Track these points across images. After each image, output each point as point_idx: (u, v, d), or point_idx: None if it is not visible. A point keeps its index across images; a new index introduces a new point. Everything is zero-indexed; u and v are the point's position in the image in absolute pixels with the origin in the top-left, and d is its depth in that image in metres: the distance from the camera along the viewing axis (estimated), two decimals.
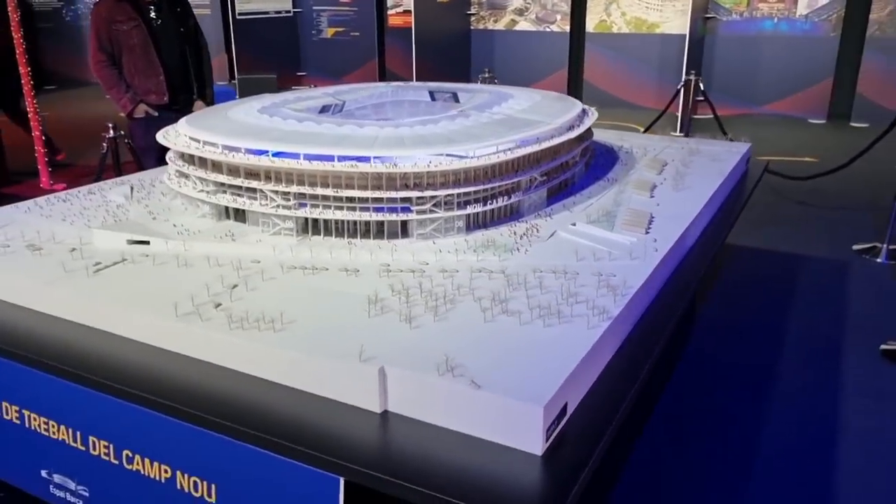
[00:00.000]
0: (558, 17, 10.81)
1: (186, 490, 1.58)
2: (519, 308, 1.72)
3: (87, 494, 1.76)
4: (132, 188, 2.74)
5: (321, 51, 12.97)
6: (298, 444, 1.39)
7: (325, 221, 2.20)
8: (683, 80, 6.43)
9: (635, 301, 1.82)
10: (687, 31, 9.15)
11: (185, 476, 1.57)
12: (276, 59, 12.19)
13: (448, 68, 11.10)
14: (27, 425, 1.81)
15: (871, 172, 6.60)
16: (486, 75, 7.03)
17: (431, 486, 1.28)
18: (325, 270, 2.01)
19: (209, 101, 4.81)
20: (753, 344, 3.89)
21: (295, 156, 2.14)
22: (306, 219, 2.21)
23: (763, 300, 4.44)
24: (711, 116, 7.03)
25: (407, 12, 11.97)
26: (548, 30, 10.96)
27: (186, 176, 2.45)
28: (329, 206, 2.18)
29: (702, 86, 6.31)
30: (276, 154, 2.16)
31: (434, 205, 2.16)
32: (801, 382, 3.51)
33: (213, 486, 1.54)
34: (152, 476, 1.62)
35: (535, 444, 1.35)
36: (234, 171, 2.29)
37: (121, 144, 4.10)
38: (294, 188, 2.17)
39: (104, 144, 4.02)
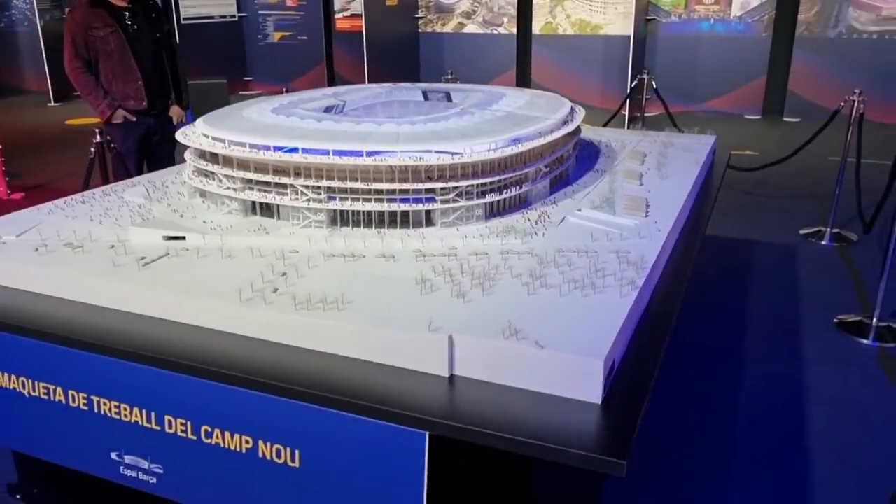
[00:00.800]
0: (505, 19, 11.10)
1: (269, 457, 1.71)
2: (554, 282, 1.91)
3: (160, 472, 1.87)
4: (147, 189, 2.83)
5: (268, 55, 12.96)
6: (383, 405, 1.56)
7: (354, 213, 2.35)
8: (637, 78, 6.75)
9: (652, 273, 2.04)
10: (632, 33, 9.55)
11: (268, 444, 1.70)
12: (223, 64, 12.13)
13: (398, 71, 11.26)
14: (96, 410, 1.91)
15: (808, 164, 7.05)
16: (449, 76, 7.22)
17: (510, 432, 1.46)
18: (363, 257, 2.16)
19: (185, 106, 4.87)
20: (718, 323, 4.20)
21: (324, 152, 2.28)
22: (335, 211, 2.35)
23: (722, 283, 4.77)
24: (660, 114, 7.39)
25: (355, 16, 12.08)
26: (495, 32, 11.23)
27: (208, 175, 2.56)
28: (357, 199, 2.33)
29: (654, 84, 6.64)
30: (306, 151, 2.29)
31: (457, 195, 2.33)
32: (767, 354, 3.82)
33: (296, 452, 1.68)
34: (232, 448, 1.75)
35: (595, 393, 1.54)
36: (261, 168, 2.41)
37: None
38: (324, 182, 2.31)
39: (91, 150, 4.04)
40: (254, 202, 2.48)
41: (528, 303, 1.81)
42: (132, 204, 2.66)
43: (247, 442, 1.73)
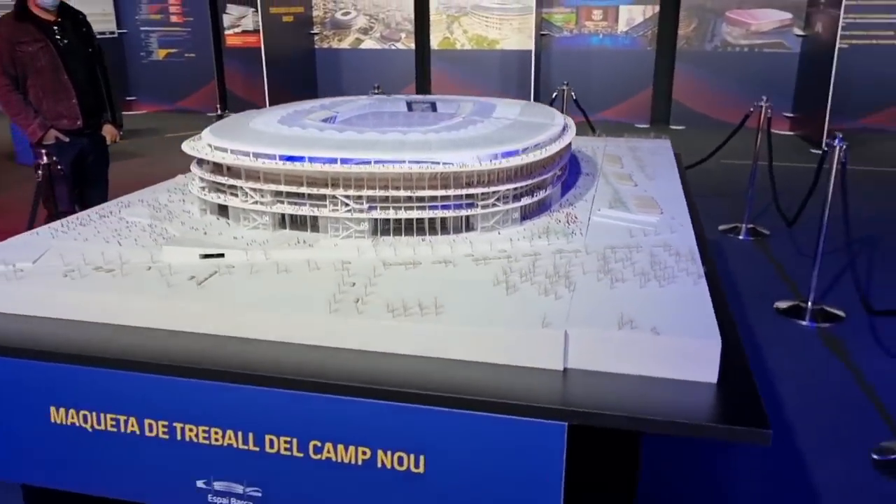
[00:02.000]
0: (403, 35, 11.22)
1: (389, 466, 1.69)
2: (626, 276, 2.01)
3: (258, 495, 1.79)
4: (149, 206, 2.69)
5: (153, 74, 12.41)
6: (512, 400, 1.59)
7: (395, 221, 2.35)
8: (558, 90, 7.06)
9: None
10: (533, 47, 9.93)
11: (388, 453, 1.68)
12: None
13: (296, 88, 11.11)
14: (179, 438, 1.81)
15: (706, 167, 7.60)
16: (377, 91, 7.22)
17: (650, 414, 1.54)
18: (419, 264, 2.17)
19: (119, 124, 4.63)
20: None
21: (365, 161, 2.27)
22: (376, 220, 2.34)
23: None
24: (581, 122, 7.74)
25: (246, 32, 11.83)
26: (393, 47, 11.33)
27: (223, 191, 2.48)
28: (399, 207, 2.33)
29: (574, 94, 6.96)
30: (346, 161, 2.28)
31: (496, 199, 2.39)
32: None
33: (421, 458, 1.67)
34: (347, 461, 1.71)
35: (711, 373, 1.64)
36: (292, 180, 2.36)
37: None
38: (365, 192, 2.30)
39: (39, 173, 3.75)
40: (283, 215, 2.43)
41: (612, 295, 1.90)
42: (139, 224, 2.52)
43: (364, 453, 1.70)
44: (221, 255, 2.23)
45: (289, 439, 1.74)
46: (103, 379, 1.82)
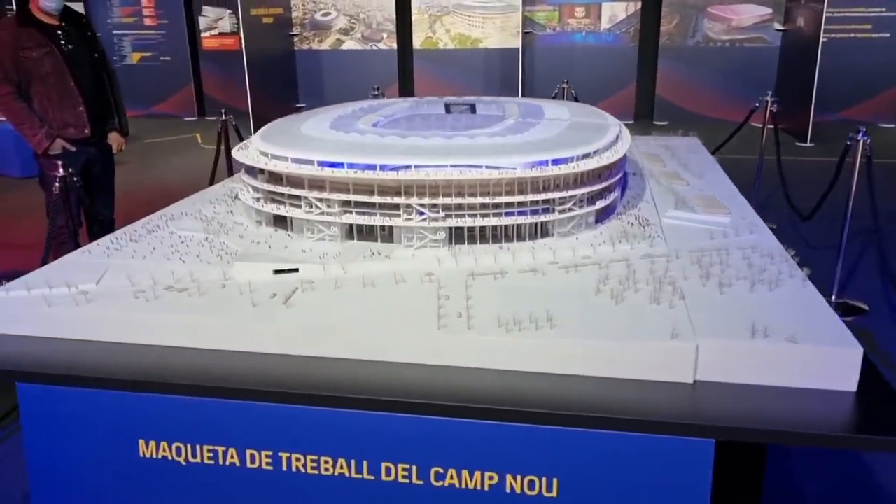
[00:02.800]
0: (384, 35, 11.09)
1: (519, 491, 1.60)
2: (728, 281, 1.95)
3: None
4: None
5: (126, 78, 12.01)
6: (650, 417, 1.52)
7: (469, 229, 2.26)
8: (558, 87, 7.02)
9: None
10: (520, 45, 9.89)
11: (517, 477, 1.60)
12: None
13: (277, 91, 10.92)
14: (285, 468, 1.69)
15: None
16: (376, 94, 7.10)
17: (795, 426, 1.47)
18: (507, 274, 2.08)
19: (126, 131, 4.46)
20: None
21: (442, 167, 2.18)
22: (451, 228, 2.25)
23: None
24: None
25: (224, 34, 11.60)
26: (375, 48, 11.20)
27: (280, 201, 2.36)
28: (475, 214, 2.24)
29: (574, 92, 6.93)
30: (420, 167, 2.18)
31: (572, 204, 2.32)
32: None
33: (553, 481, 1.59)
34: (472, 487, 1.62)
35: (850, 382, 1.59)
36: (361, 189, 2.26)
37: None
38: (441, 199, 2.21)
39: (56, 185, 3.56)
40: (351, 226, 2.32)
41: (726, 302, 1.84)
42: (194, 238, 2.39)
43: (491, 478, 1.61)
44: (296, 270, 2.12)
45: (407, 466, 1.65)
46: (198, 408, 1.71)
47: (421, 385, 1.65)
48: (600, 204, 2.41)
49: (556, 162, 2.25)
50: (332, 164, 2.25)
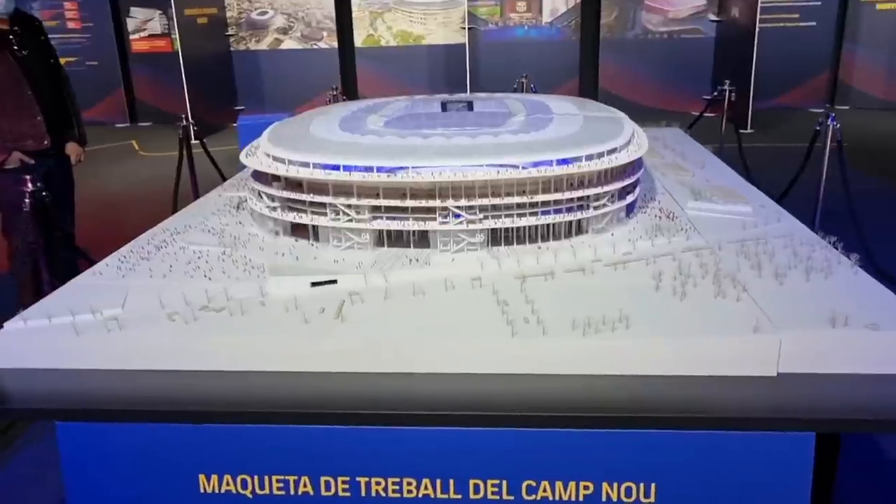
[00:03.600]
0: (325, 33, 10.88)
1: (616, 499, 1.55)
2: (781, 271, 1.95)
3: None
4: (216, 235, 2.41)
5: None
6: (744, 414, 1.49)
7: (506, 230, 2.20)
8: (517, 82, 7.01)
9: None
10: (466, 40, 9.86)
11: (614, 485, 1.55)
12: None
13: (214, 93, 10.58)
14: (364, 494, 1.59)
15: None
16: (335, 93, 6.92)
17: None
18: (553, 274, 2.03)
19: (84, 141, 4.21)
20: None
21: (478, 167, 2.11)
22: (488, 230, 2.18)
23: None
24: None
25: (154, 36, 11.16)
26: (315, 47, 10.97)
27: (298, 209, 2.25)
28: (511, 215, 2.18)
29: (533, 86, 6.93)
30: (456, 168, 2.10)
31: (607, 200, 2.28)
32: None
33: (651, 486, 1.54)
34: (566, 498, 1.56)
35: None
36: (391, 192, 2.17)
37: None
38: (477, 201, 2.14)
39: (26, 201, 3.30)
40: (381, 232, 2.22)
41: (788, 292, 1.83)
42: (211, 253, 2.25)
43: (586, 488, 1.56)
44: (334, 282, 2.01)
45: (497, 482, 1.58)
46: (264, 436, 1.59)
47: (502, 395, 1.58)
48: (629, 198, 2.38)
49: (588, 158, 2.21)
50: (361, 168, 2.14)
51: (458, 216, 2.15)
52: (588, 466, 1.55)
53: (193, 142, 5.23)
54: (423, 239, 2.21)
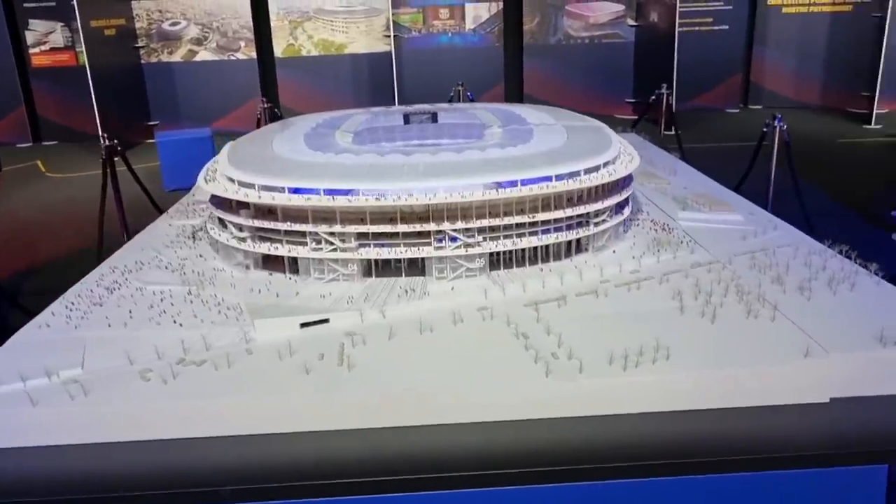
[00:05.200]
0: (242, 44, 10.46)
1: None
2: (803, 285, 1.85)
3: None
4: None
5: None
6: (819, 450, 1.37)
7: (507, 254, 2.03)
8: (453, 90, 6.87)
9: None
10: (392, 48, 9.67)
11: None
12: None
13: (125, 108, 10.00)
14: None
15: None
16: (266, 106, 6.58)
17: None
18: (564, 299, 1.87)
19: None
20: None
21: (476, 186, 1.94)
22: (490, 254, 2.01)
23: None
24: None
25: (56, 49, 10.47)
26: (233, 58, 10.53)
27: (271, 238, 2.02)
28: (510, 236, 2.02)
29: (469, 93, 6.81)
30: (451, 189, 1.92)
31: (607, 215, 2.14)
32: None
33: None
34: None
35: None
36: (378, 218, 1.97)
37: None
38: (475, 223, 1.96)
39: None
40: (369, 261, 2.01)
41: (819, 308, 1.74)
42: (175, 293, 1.98)
43: None
44: (326, 321, 1.79)
45: None
46: None
47: (547, 444, 1.41)
48: (626, 212, 2.26)
49: (587, 171, 2.07)
50: (343, 192, 1.93)
51: (454, 240, 1.96)
52: None
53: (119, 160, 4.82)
54: (415, 266, 2.01)
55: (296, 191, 1.97)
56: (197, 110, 10.40)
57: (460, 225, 1.95)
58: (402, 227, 1.95)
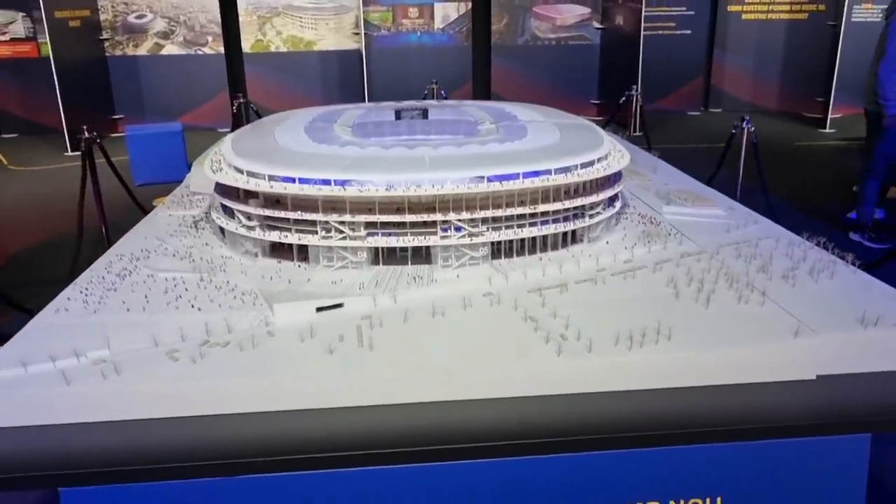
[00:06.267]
0: (210, 38, 10.39)
1: None
2: (787, 273, 1.99)
3: None
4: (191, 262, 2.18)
5: None
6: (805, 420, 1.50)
7: (508, 243, 2.13)
8: (427, 88, 6.95)
9: None
10: (362, 46, 9.71)
11: (680, 502, 1.51)
12: None
13: (89, 102, 9.85)
14: None
15: None
16: (241, 101, 6.56)
17: None
18: (566, 285, 1.98)
19: None
20: None
21: (478, 179, 2.03)
22: (492, 243, 2.11)
23: None
24: None
25: (17, 40, 10.26)
26: (200, 52, 10.45)
27: (280, 227, 2.09)
28: (511, 226, 2.12)
29: (443, 91, 6.90)
30: (457, 180, 2.02)
31: (601, 208, 2.26)
32: None
33: (717, 499, 1.52)
34: None
35: None
36: (387, 207, 2.05)
37: None
38: (479, 213, 2.06)
39: None
40: (378, 249, 2.09)
41: (804, 295, 1.87)
42: (188, 280, 2.03)
43: None
44: (340, 306, 1.87)
45: None
46: (314, 484, 1.43)
47: (558, 418, 1.51)
48: (617, 205, 2.38)
49: (583, 166, 2.18)
50: (355, 183, 2.01)
51: (459, 229, 2.05)
52: (655, 485, 1.50)
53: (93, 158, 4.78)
54: (420, 255, 2.10)
55: (306, 181, 2.03)
56: (162, 105, 10.31)
57: (465, 215, 2.04)
58: (409, 217, 2.03)
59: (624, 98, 6.55)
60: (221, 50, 10.46)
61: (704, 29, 11.16)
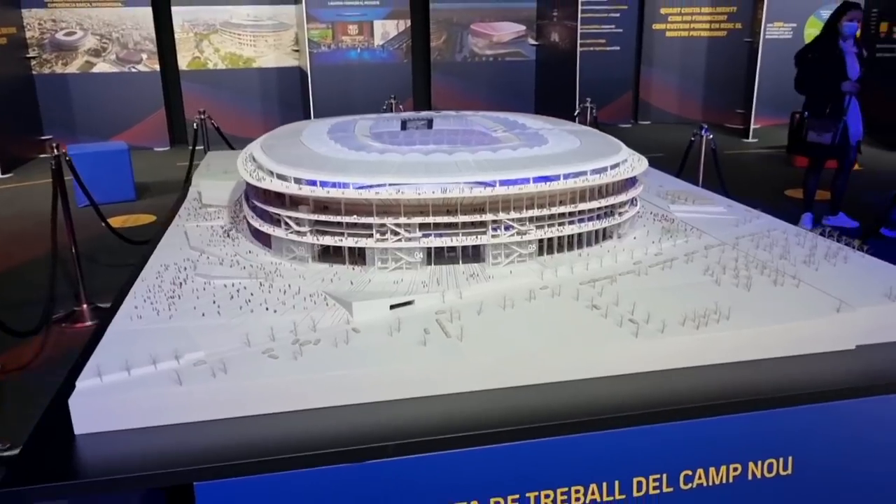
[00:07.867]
0: (144, 56, 10.16)
1: (759, 476, 1.66)
2: (807, 259, 2.19)
3: None
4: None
5: None
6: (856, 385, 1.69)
7: (550, 240, 2.26)
8: (386, 103, 7.03)
9: None
10: (308, 64, 9.70)
11: (758, 464, 1.66)
12: None
13: (15, 121, 9.47)
14: None
15: None
16: (202, 117, 6.46)
17: None
18: (614, 276, 2.12)
19: None
20: None
21: (524, 181, 2.16)
22: (540, 241, 2.23)
23: None
24: None
25: None
26: (134, 70, 10.21)
27: (329, 232, 2.16)
28: (553, 224, 2.25)
29: (401, 106, 6.99)
30: (505, 182, 2.14)
31: (630, 205, 2.42)
32: None
33: (789, 459, 1.67)
34: (718, 482, 1.64)
35: None
36: (438, 209, 2.15)
37: None
38: (525, 213, 2.18)
39: None
40: (430, 249, 2.18)
41: (829, 275, 2.07)
42: (248, 286, 2.07)
43: (735, 469, 1.65)
44: (411, 303, 1.95)
45: (658, 476, 1.62)
46: (425, 466, 1.51)
47: (648, 393, 1.64)
48: (639, 205, 2.54)
49: (613, 167, 2.34)
50: (412, 186, 2.10)
51: (509, 228, 2.17)
52: (735, 450, 1.65)
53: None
54: (469, 254, 2.20)
55: (361, 186, 2.11)
56: (94, 124, 10.02)
57: (514, 215, 2.16)
58: (462, 218, 2.13)
59: (578, 111, 6.80)
60: (157, 67, 10.27)
61: (632, 46, 11.70)
